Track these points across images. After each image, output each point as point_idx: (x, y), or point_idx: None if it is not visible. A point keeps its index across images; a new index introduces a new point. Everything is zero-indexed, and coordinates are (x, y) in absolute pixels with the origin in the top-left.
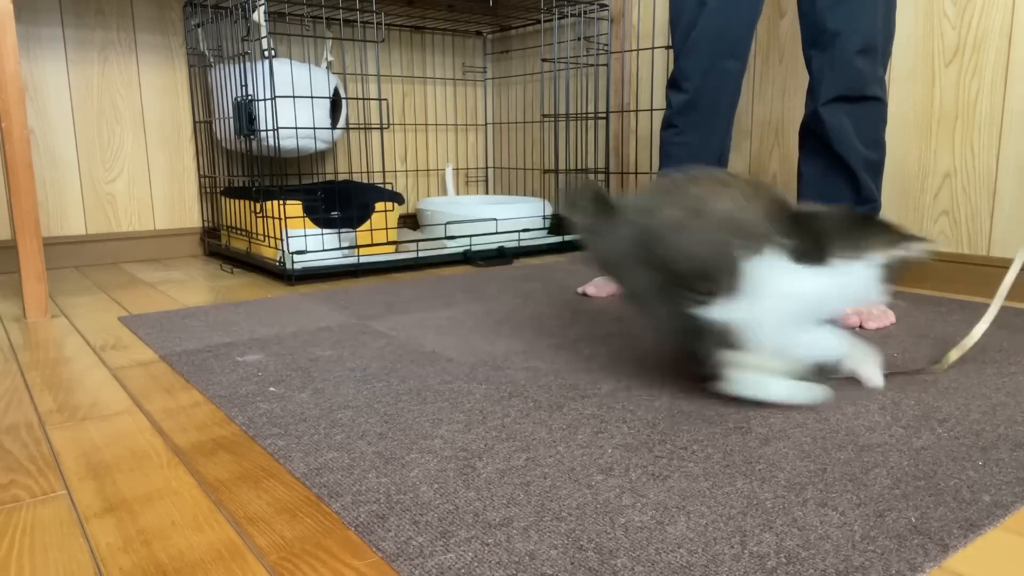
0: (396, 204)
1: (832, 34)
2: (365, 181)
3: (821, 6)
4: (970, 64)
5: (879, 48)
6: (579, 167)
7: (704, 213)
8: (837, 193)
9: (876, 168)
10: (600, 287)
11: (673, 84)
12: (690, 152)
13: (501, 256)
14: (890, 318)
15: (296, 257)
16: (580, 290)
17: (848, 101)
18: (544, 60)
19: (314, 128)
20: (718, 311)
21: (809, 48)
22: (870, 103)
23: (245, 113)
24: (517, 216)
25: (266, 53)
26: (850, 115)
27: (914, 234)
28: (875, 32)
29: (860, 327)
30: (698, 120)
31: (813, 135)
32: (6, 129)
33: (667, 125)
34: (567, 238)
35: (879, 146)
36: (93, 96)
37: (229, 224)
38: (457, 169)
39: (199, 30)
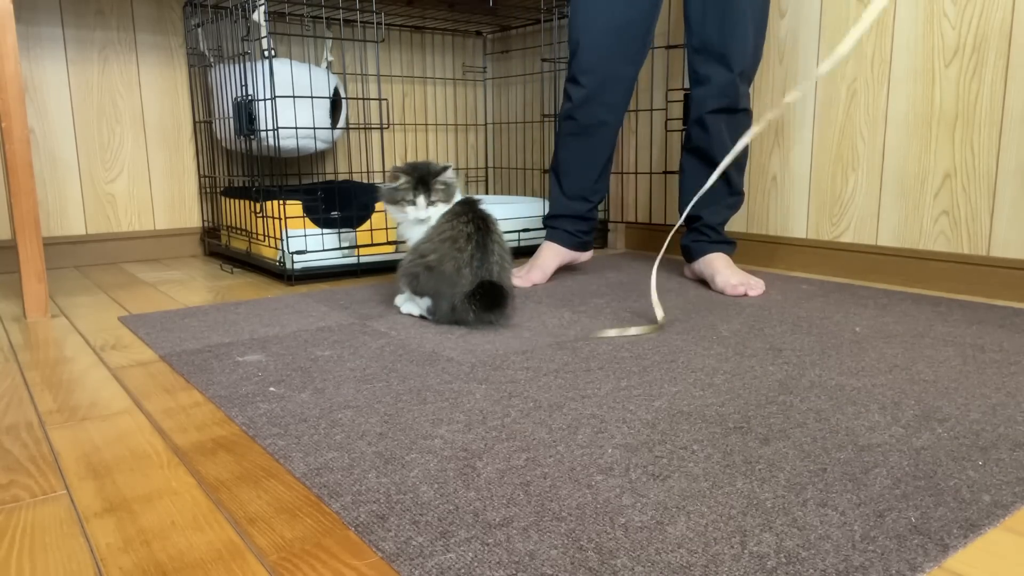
0: None
1: (719, 55)
2: (365, 181)
3: (710, 30)
4: (970, 64)
5: (749, 71)
6: None
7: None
8: (714, 188)
9: (742, 166)
10: (525, 279)
11: (572, 79)
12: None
13: None
14: (762, 287)
15: (296, 257)
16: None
17: (727, 112)
18: (544, 60)
19: (314, 128)
20: None
21: (697, 62)
22: (742, 114)
23: (245, 113)
24: (517, 216)
25: (266, 53)
26: (727, 124)
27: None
28: (748, 59)
29: (746, 295)
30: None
31: (696, 138)
32: (6, 129)
33: (566, 117)
34: None
35: (744, 149)
36: (93, 96)
37: (229, 224)
38: (457, 169)
39: (199, 30)
